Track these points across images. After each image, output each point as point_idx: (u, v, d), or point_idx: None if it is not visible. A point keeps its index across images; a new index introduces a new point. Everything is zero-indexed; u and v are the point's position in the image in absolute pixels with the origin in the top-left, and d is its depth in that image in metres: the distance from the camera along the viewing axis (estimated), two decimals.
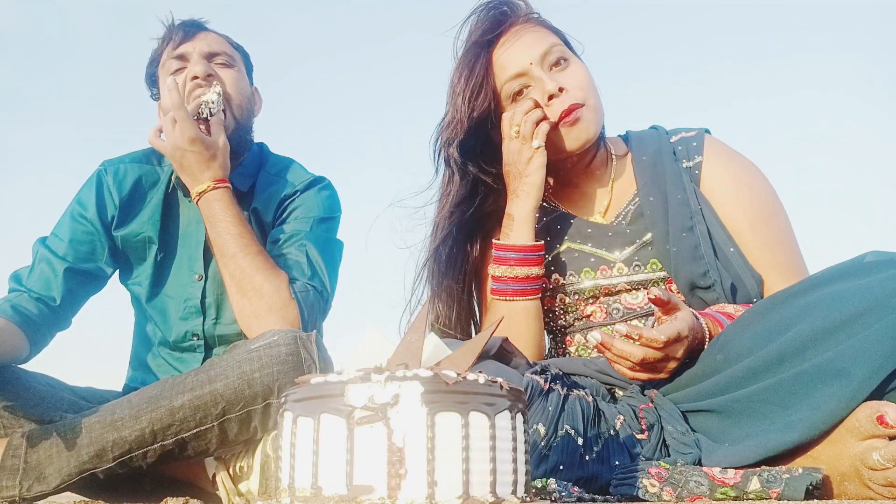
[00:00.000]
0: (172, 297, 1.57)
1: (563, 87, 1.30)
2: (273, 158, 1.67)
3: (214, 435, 1.23)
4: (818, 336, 0.95)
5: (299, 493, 0.66)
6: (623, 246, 1.36)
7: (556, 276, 1.40)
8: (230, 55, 1.56)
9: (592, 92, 1.34)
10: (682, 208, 1.33)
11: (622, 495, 0.98)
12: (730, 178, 1.37)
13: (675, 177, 1.37)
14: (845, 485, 0.91)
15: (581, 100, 1.31)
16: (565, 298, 1.39)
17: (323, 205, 1.58)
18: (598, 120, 1.34)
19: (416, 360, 0.75)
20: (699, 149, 1.39)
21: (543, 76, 1.31)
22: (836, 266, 1.06)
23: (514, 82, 1.34)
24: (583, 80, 1.34)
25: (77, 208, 1.56)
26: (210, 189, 1.41)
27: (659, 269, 1.34)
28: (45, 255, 1.51)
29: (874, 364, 0.90)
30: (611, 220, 1.41)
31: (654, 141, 1.44)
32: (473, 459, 0.64)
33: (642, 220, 1.37)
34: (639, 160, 1.42)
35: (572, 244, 1.41)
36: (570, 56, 1.36)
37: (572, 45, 1.42)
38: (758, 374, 1.01)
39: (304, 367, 1.22)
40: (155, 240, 1.56)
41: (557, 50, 1.33)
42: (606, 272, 1.36)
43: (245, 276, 1.35)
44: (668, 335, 1.04)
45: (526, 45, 1.33)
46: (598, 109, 1.35)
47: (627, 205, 1.41)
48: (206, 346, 1.55)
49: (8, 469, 1.22)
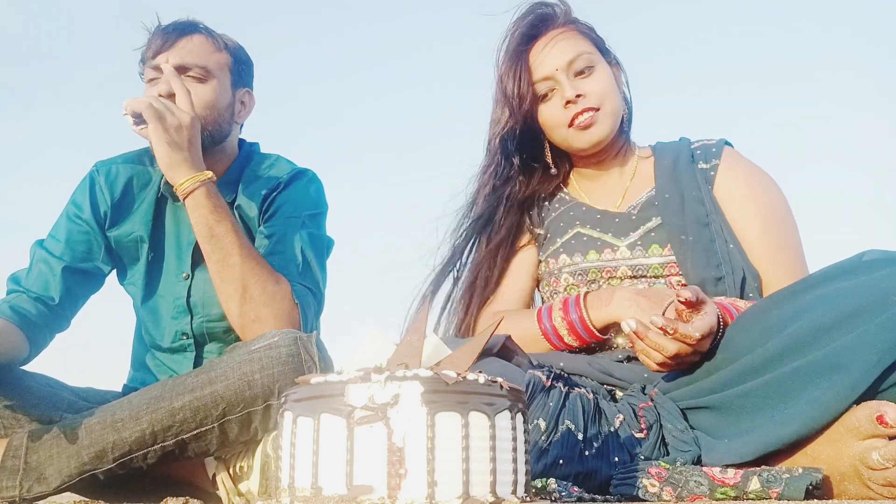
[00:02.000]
0: (164, 297, 1.56)
1: (581, 93, 1.42)
2: (259, 157, 1.65)
3: (215, 436, 1.23)
4: (817, 332, 0.96)
5: (299, 493, 0.66)
6: (628, 231, 1.43)
7: (564, 257, 1.47)
8: (205, 67, 1.49)
9: (611, 97, 1.45)
10: (697, 205, 1.42)
11: (622, 495, 0.98)
12: (742, 181, 1.45)
13: (690, 177, 1.46)
14: (845, 484, 0.91)
15: (595, 104, 1.43)
16: (570, 279, 1.46)
17: (310, 200, 1.57)
18: (611, 123, 1.46)
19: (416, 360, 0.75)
20: (717, 153, 1.49)
21: (565, 82, 1.43)
22: (834, 264, 1.07)
23: (542, 84, 1.46)
24: (603, 86, 1.44)
25: (72, 209, 1.57)
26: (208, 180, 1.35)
27: (660, 255, 1.39)
28: (42, 256, 1.52)
29: (872, 359, 0.90)
30: (623, 209, 1.49)
31: (676, 148, 1.54)
32: (473, 459, 0.64)
33: (653, 209, 1.44)
34: (660, 163, 1.52)
35: (582, 229, 1.49)
36: (597, 62, 1.46)
37: (608, 49, 1.53)
38: (757, 370, 1.02)
39: (304, 368, 1.22)
40: (146, 239, 1.56)
41: (585, 58, 1.44)
42: (609, 254, 1.43)
43: (257, 282, 1.33)
44: (702, 332, 1.05)
45: (555, 52, 1.45)
46: (613, 113, 1.46)
47: (641, 197, 1.48)
48: (196, 344, 1.55)
49: (8, 469, 1.22)
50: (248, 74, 1.63)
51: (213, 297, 1.48)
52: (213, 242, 1.34)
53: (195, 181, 1.34)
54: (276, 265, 1.40)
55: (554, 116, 1.46)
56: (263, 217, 1.54)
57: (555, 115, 1.45)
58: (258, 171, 1.61)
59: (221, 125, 1.54)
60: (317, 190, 1.61)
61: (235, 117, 1.60)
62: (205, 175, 1.36)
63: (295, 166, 1.63)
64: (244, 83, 1.62)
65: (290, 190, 1.56)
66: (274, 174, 1.59)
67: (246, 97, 1.63)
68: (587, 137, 1.45)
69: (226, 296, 1.34)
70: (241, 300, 1.33)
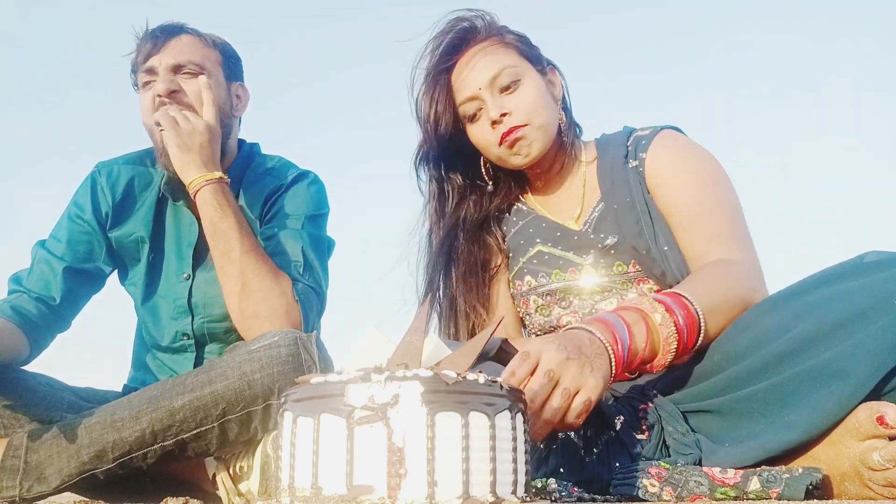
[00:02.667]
0: (164, 298, 1.57)
1: (506, 111, 1.35)
2: (260, 159, 1.66)
3: (215, 436, 1.23)
4: (817, 336, 0.96)
5: (299, 493, 0.66)
6: (589, 249, 1.37)
7: (529, 279, 1.43)
8: (198, 63, 1.51)
9: (540, 111, 1.38)
10: (629, 212, 1.35)
11: (622, 495, 0.98)
12: (669, 164, 1.36)
13: (624, 181, 1.39)
14: (845, 485, 0.91)
15: (523, 121, 1.36)
16: (539, 300, 1.41)
17: (312, 201, 1.57)
18: (543, 137, 1.38)
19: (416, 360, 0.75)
20: (646, 146, 1.39)
21: (489, 101, 1.36)
22: (835, 266, 1.06)
23: (468, 105, 1.39)
24: (528, 101, 1.37)
25: (74, 209, 1.57)
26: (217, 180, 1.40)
27: (624, 271, 1.34)
28: (43, 256, 1.52)
29: (873, 364, 0.90)
30: (580, 225, 1.42)
31: (616, 145, 1.45)
32: (473, 459, 0.64)
33: (607, 225, 1.38)
34: (602, 167, 1.44)
35: (543, 247, 1.43)
36: (524, 75, 1.39)
37: (539, 56, 1.44)
38: (757, 374, 1.01)
39: (304, 367, 1.22)
40: (147, 240, 1.56)
41: (509, 73, 1.37)
42: (574, 274, 1.38)
43: (255, 276, 1.34)
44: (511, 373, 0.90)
45: (477, 69, 1.38)
46: (544, 126, 1.38)
47: (593, 211, 1.42)
48: (196, 345, 1.55)
49: (8, 469, 1.22)
50: (238, 68, 1.64)
51: (214, 298, 1.48)
52: (215, 238, 1.38)
53: (203, 179, 1.39)
54: (278, 263, 1.41)
55: (484, 137, 1.40)
56: (265, 218, 1.55)
57: (484, 136, 1.39)
58: (260, 172, 1.61)
59: (223, 120, 1.54)
60: (318, 191, 1.61)
61: (234, 111, 1.61)
62: (213, 175, 1.40)
63: (297, 168, 1.64)
64: (236, 77, 1.62)
65: (292, 192, 1.57)
66: (276, 176, 1.60)
67: (240, 90, 1.63)
68: (519, 155, 1.38)
69: (228, 291, 1.36)
70: (240, 295, 1.34)
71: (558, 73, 1.47)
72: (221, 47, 1.59)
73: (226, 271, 1.36)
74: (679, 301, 1.07)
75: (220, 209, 1.38)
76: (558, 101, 1.45)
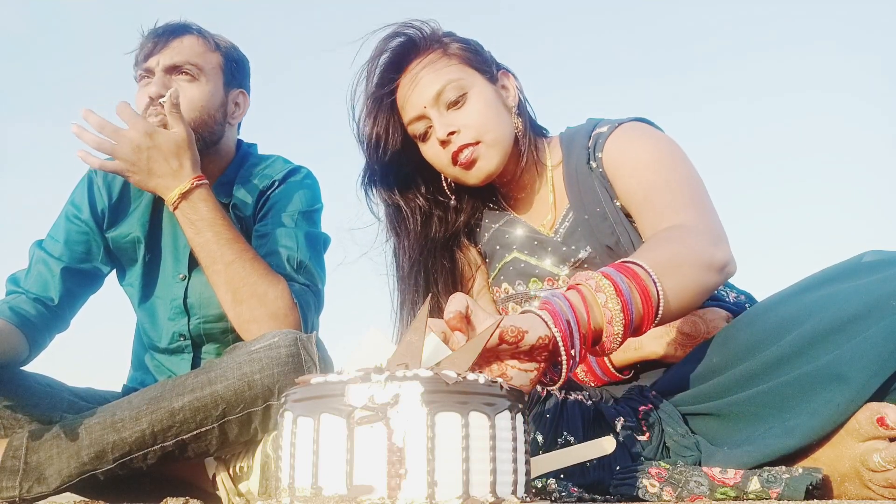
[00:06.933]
0: (161, 299, 1.57)
1: (454, 129, 1.29)
2: (255, 158, 1.64)
3: (214, 436, 1.23)
4: (817, 338, 0.95)
5: (299, 493, 0.66)
6: (566, 259, 1.34)
7: (506, 286, 1.40)
8: (196, 65, 1.49)
9: (490, 125, 1.30)
10: (605, 223, 1.31)
11: (622, 495, 0.98)
12: (618, 156, 1.30)
13: (589, 187, 1.33)
14: (845, 485, 0.91)
15: (473, 138, 1.29)
16: (517, 307, 1.38)
17: (305, 197, 1.56)
18: (498, 152, 1.31)
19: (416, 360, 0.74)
20: (602, 145, 1.32)
21: (436, 119, 1.30)
22: (834, 266, 1.06)
23: (417, 124, 1.34)
24: (477, 116, 1.29)
25: (71, 210, 1.57)
26: (193, 188, 1.35)
27: None
28: (41, 257, 1.52)
29: (872, 368, 0.89)
30: (553, 233, 1.38)
31: (579, 145, 1.38)
32: (473, 459, 0.64)
33: (579, 236, 1.34)
34: (568, 172, 1.37)
35: (520, 255, 1.40)
36: (471, 87, 1.31)
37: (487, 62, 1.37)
38: (757, 377, 1.01)
39: (304, 368, 1.23)
40: (143, 240, 1.56)
41: (454, 86, 1.30)
42: (553, 284, 1.35)
43: (245, 284, 1.33)
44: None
45: (420, 87, 1.31)
46: (497, 141, 1.31)
47: (563, 220, 1.37)
48: (193, 345, 1.55)
49: (8, 470, 1.22)
50: (241, 75, 1.62)
51: (210, 298, 1.48)
52: (197, 253, 1.37)
53: (177, 194, 1.35)
54: (272, 264, 1.40)
55: (437, 157, 1.34)
56: (258, 216, 1.54)
57: (437, 156, 1.33)
58: (254, 171, 1.60)
59: (213, 126, 1.53)
60: (311, 187, 1.60)
61: (229, 118, 1.59)
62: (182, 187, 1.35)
63: (289, 164, 1.62)
64: (238, 84, 1.61)
65: (285, 188, 1.56)
66: (268, 173, 1.59)
67: (240, 98, 1.62)
68: (475, 174, 1.31)
69: (221, 300, 1.36)
70: (233, 302, 1.34)
71: (512, 76, 1.40)
72: (225, 51, 1.57)
73: (214, 282, 1.35)
74: (622, 267, 0.97)
75: (193, 225, 1.35)
76: (512, 108, 1.37)
